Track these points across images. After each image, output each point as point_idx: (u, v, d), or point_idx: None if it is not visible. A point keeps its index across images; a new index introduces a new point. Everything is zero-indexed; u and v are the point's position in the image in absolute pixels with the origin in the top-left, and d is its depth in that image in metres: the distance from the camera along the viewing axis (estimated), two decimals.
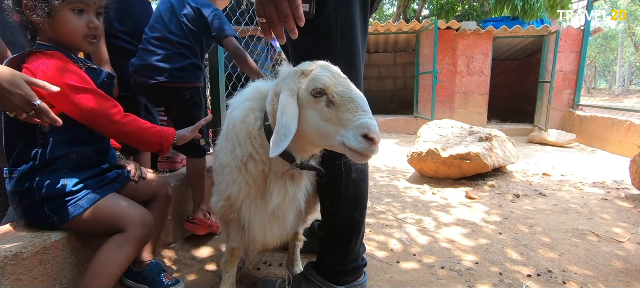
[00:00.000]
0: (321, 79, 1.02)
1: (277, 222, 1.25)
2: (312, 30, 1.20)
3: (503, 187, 3.26)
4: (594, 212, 2.62)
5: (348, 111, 0.98)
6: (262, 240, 1.29)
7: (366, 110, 0.98)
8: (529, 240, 2.14)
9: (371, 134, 0.93)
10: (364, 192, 1.38)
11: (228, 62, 2.71)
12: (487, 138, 3.54)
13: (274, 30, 1.01)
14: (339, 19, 1.23)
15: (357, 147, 0.95)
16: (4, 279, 1.04)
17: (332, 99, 1.01)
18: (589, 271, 1.78)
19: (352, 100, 0.99)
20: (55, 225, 1.22)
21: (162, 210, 1.53)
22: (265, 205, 1.22)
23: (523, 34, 7.18)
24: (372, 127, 0.94)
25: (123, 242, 1.22)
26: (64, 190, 1.18)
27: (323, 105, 1.02)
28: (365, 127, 0.94)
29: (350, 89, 1.02)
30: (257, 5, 1.00)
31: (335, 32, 1.24)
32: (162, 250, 1.85)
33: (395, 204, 2.83)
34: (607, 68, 19.67)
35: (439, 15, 11.02)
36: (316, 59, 1.18)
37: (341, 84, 1.03)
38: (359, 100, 0.99)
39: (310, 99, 1.03)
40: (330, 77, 1.03)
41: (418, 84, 7.69)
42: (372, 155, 0.96)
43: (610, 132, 5.33)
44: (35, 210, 1.20)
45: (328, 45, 1.25)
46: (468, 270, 1.78)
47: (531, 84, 8.56)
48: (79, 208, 1.20)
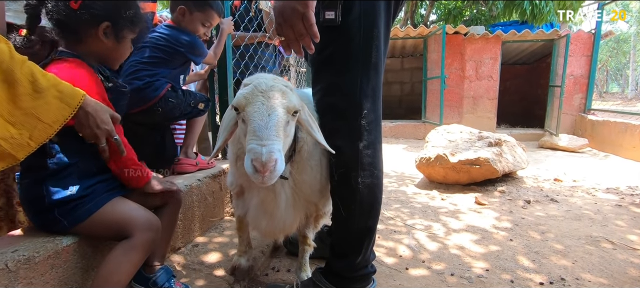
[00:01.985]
0: (236, 98, 1.11)
1: (265, 215, 1.37)
2: (335, 37, 1.22)
3: (513, 193, 3.22)
4: (607, 218, 2.56)
5: (248, 133, 1.05)
6: (253, 225, 1.49)
7: (259, 135, 1.01)
8: (541, 246, 2.10)
9: (254, 161, 0.98)
10: (377, 198, 1.37)
11: (236, 68, 2.74)
12: (497, 143, 3.50)
13: (292, 46, 1.07)
14: (363, 26, 1.24)
15: (247, 171, 1.02)
16: (17, 283, 1.05)
17: (244, 118, 1.09)
18: (603, 279, 1.73)
19: (250, 123, 1.05)
20: (65, 228, 1.23)
21: (172, 215, 1.54)
22: (252, 197, 1.39)
23: (532, 38, 7.12)
24: (258, 154, 0.98)
25: (129, 249, 1.23)
26: (72, 194, 1.21)
27: (241, 121, 1.12)
28: (251, 153, 1.00)
29: (255, 111, 1.06)
30: (276, 26, 1.06)
31: (359, 38, 1.24)
32: (171, 255, 1.85)
33: (403, 210, 2.81)
34: (619, 71, 19.36)
35: (446, 19, 10.98)
36: (337, 66, 1.26)
37: (254, 103, 1.07)
38: (255, 124, 1.03)
39: (235, 113, 1.14)
40: (245, 96, 1.09)
41: (426, 89, 7.66)
42: (257, 182, 1.02)
43: (623, 137, 5.23)
44: (45, 214, 1.22)
45: (351, 52, 1.25)
46: (478, 277, 1.75)
47: (541, 88, 8.47)
48: (87, 211, 1.22)
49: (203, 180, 2.10)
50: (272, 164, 0.98)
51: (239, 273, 1.60)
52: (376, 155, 1.33)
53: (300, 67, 5.16)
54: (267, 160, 0.98)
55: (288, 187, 1.35)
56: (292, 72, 5.23)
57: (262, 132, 1.02)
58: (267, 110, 1.06)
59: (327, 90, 1.32)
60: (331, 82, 1.30)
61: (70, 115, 1.08)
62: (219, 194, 2.29)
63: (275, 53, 3.31)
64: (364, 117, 1.28)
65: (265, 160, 0.97)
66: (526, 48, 8.07)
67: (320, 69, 1.33)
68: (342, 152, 1.28)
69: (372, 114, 1.30)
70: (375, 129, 1.32)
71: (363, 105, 1.27)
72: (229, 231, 2.19)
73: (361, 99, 1.27)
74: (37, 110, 1.03)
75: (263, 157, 0.97)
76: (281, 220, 1.37)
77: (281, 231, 1.49)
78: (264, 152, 0.98)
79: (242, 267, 1.62)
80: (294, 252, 1.89)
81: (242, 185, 1.46)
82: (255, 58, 2.98)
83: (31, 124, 1.02)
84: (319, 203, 1.49)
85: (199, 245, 1.99)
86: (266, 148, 0.99)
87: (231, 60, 2.49)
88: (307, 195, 1.41)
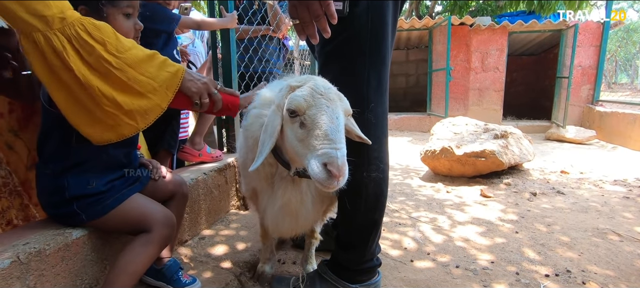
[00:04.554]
0: (294, 100, 1.04)
1: (288, 217, 1.31)
2: (341, 29, 1.19)
3: (519, 185, 3.20)
4: (614, 211, 2.55)
5: (314, 137, 0.99)
6: (274, 228, 1.39)
7: (332, 139, 0.97)
8: (547, 239, 2.09)
9: (329, 166, 0.93)
10: (383, 191, 1.37)
11: (240, 61, 2.73)
12: (503, 135, 3.47)
13: (307, 29, 1.01)
14: (371, 18, 1.22)
15: (316, 177, 0.96)
16: (28, 274, 1.08)
17: (304, 121, 1.03)
18: (610, 271, 1.73)
19: (319, 127, 0.99)
20: (82, 222, 1.26)
21: (179, 208, 1.57)
22: (273, 201, 1.30)
23: (539, 28, 7.02)
24: (333, 158, 0.94)
25: (148, 242, 1.25)
26: (92, 189, 1.24)
27: (297, 125, 1.04)
28: (325, 157, 0.94)
29: (322, 114, 1.01)
30: (290, 7, 1.02)
31: (367, 30, 1.23)
32: (178, 247, 1.88)
33: (408, 202, 2.81)
34: (628, 62, 19.04)
35: (452, 10, 10.84)
36: (345, 59, 1.23)
37: (317, 106, 1.02)
38: (326, 127, 0.98)
39: (288, 117, 1.06)
40: (305, 98, 1.03)
41: (431, 81, 7.60)
42: (331, 187, 0.96)
43: (632, 128, 5.16)
44: (64, 207, 1.24)
45: (357, 45, 1.24)
46: (483, 269, 1.75)
47: (548, 79, 8.36)
48: (107, 207, 1.25)
49: (209, 174, 2.11)
50: (346, 168, 0.96)
51: (262, 279, 1.63)
52: (382, 149, 1.33)
53: (304, 60, 5.15)
54: (343, 164, 0.95)
55: (313, 185, 1.33)
56: (296, 66, 5.21)
57: (335, 135, 0.98)
58: (334, 113, 1.03)
59: (334, 82, 1.32)
60: (338, 74, 1.28)
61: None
62: (225, 188, 2.31)
63: (280, 46, 3.30)
64: (371, 110, 1.27)
65: (341, 164, 0.94)
66: (533, 39, 7.95)
67: (327, 61, 1.32)
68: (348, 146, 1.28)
69: (379, 107, 1.30)
70: (382, 123, 1.32)
71: (370, 98, 1.27)
72: (235, 224, 2.21)
73: (368, 92, 1.26)
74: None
75: (339, 161, 0.94)
76: (305, 219, 1.34)
77: (302, 229, 1.46)
78: (339, 156, 0.95)
79: (266, 274, 1.64)
80: (299, 244, 1.91)
81: (254, 188, 1.43)
82: (259, 51, 2.97)
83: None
84: (333, 197, 1.50)
85: (205, 237, 2.01)
86: (340, 152, 0.96)
87: (235, 54, 2.49)
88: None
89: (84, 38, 1.12)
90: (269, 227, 1.39)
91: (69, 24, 1.11)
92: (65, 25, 1.10)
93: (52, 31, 1.09)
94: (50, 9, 1.08)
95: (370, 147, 1.27)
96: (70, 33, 1.11)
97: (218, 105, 1.41)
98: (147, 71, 1.22)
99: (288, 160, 1.18)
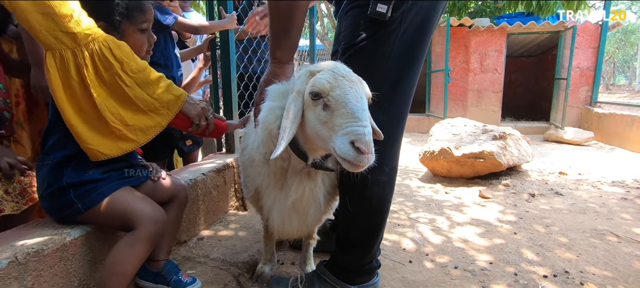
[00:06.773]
0: (318, 82, 1.03)
1: (297, 214, 1.28)
2: (375, 31, 1.18)
3: (518, 186, 3.21)
4: (613, 212, 2.55)
5: (340, 116, 0.98)
6: (280, 228, 1.35)
7: (359, 117, 0.96)
8: (545, 240, 2.09)
9: (357, 143, 0.91)
10: (387, 196, 1.34)
11: (239, 62, 2.73)
12: (501, 136, 3.48)
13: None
14: (410, 24, 1.20)
15: (344, 155, 0.94)
16: (26, 275, 1.07)
17: (328, 103, 1.01)
18: (608, 272, 1.73)
19: (345, 105, 0.98)
20: (78, 212, 1.26)
21: (178, 211, 1.57)
22: (284, 197, 1.26)
23: (538, 30, 7.03)
24: (361, 135, 0.92)
25: (134, 241, 1.25)
26: (89, 176, 1.27)
27: (320, 108, 1.03)
28: (353, 135, 0.93)
29: (347, 93, 1.00)
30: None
31: (402, 36, 1.20)
32: (176, 248, 1.87)
33: (407, 203, 2.81)
34: (626, 63, 19.09)
35: (451, 12, 10.85)
36: (371, 59, 1.21)
37: (340, 87, 1.01)
38: (352, 106, 0.97)
39: (310, 101, 1.04)
40: (328, 80, 1.02)
41: (430, 82, 7.61)
42: (361, 165, 0.94)
43: (630, 130, 5.18)
44: (61, 196, 1.25)
45: (390, 48, 1.21)
46: (482, 270, 1.75)
47: (547, 80, 8.38)
48: (101, 195, 1.26)
49: (207, 174, 2.11)
50: (373, 146, 0.94)
51: (261, 280, 1.63)
52: (392, 152, 1.30)
53: (303, 60, 5.15)
54: (371, 141, 0.93)
55: (327, 179, 1.31)
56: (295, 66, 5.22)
57: (361, 113, 0.96)
58: (358, 93, 1.01)
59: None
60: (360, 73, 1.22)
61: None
62: (224, 188, 2.31)
63: None
64: (384, 110, 1.24)
65: (368, 141, 0.93)
66: (532, 40, 7.97)
67: (351, 58, 1.26)
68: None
69: (394, 109, 1.27)
70: (395, 126, 1.29)
71: (384, 97, 1.21)
72: (234, 224, 2.21)
73: (388, 94, 1.23)
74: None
75: (366, 137, 0.92)
76: (313, 218, 1.32)
77: (308, 228, 1.44)
78: (366, 133, 0.93)
79: (265, 275, 1.64)
80: (297, 246, 1.90)
81: (257, 188, 1.39)
82: (258, 52, 2.97)
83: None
84: (335, 197, 1.48)
85: (204, 238, 2.01)
86: (367, 129, 0.94)
87: (234, 54, 2.49)
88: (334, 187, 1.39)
89: (105, 55, 1.22)
90: (275, 226, 1.36)
91: (94, 40, 1.21)
92: (90, 41, 1.20)
93: (79, 48, 1.18)
94: (79, 26, 1.17)
95: (378, 149, 1.26)
96: (94, 49, 1.21)
97: (211, 128, 1.56)
98: (155, 92, 1.34)
99: (306, 150, 1.15)
